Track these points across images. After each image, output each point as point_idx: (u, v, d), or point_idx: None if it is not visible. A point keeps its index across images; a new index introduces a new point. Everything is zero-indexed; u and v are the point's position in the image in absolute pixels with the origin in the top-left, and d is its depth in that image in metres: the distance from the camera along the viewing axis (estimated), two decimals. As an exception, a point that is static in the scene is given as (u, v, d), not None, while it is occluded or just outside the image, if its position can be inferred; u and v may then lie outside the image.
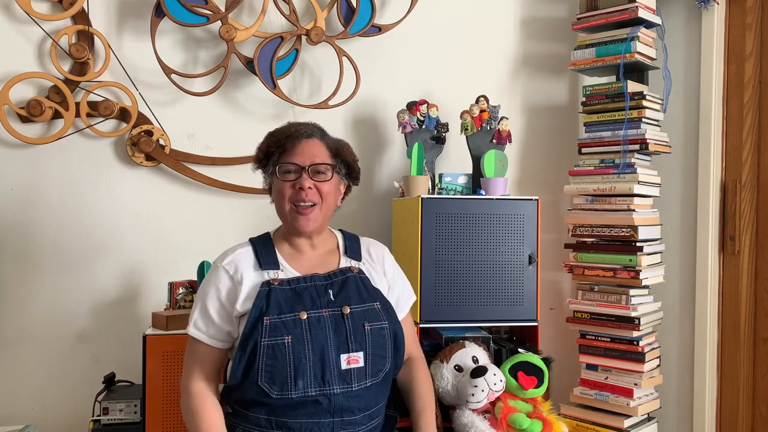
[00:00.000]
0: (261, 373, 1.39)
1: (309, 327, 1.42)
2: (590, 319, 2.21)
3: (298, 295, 1.46)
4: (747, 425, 2.26)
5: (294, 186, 1.49)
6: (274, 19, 2.33)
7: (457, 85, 2.45)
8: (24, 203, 2.22)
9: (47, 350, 2.24)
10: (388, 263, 1.64)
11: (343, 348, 1.43)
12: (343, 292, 1.49)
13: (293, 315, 1.43)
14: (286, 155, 1.50)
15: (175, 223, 2.32)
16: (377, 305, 1.51)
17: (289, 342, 1.40)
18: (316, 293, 1.47)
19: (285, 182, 1.49)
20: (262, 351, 1.39)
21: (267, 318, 1.41)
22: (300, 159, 1.49)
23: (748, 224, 2.25)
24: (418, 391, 1.63)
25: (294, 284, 1.48)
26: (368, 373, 1.45)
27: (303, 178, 1.48)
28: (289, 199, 1.49)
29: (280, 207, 1.52)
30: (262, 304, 1.43)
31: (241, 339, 1.43)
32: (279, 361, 1.39)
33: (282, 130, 1.55)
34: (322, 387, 1.41)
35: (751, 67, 2.23)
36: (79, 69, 2.21)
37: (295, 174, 1.49)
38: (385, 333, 1.49)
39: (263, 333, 1.40)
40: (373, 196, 2.44)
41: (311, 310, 1.44)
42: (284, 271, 1.50)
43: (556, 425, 1.87)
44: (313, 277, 1.50)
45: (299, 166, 1.49)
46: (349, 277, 1.52)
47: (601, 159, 2.22)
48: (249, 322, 1.42)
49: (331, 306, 1.46)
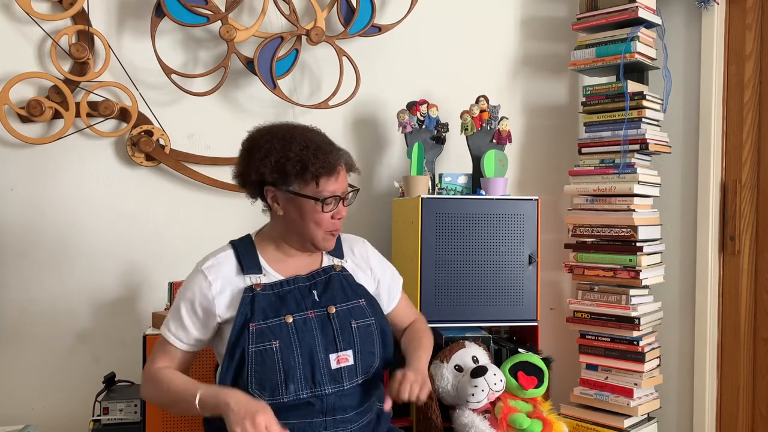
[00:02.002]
0: (251, 380, 1.38)
1: (296, 330, 1.41)
2: (590, 319, 2.21)
3: (281, 299, 1.45)
4: (747, 425, 2.26)
5: (333, 216, 1.46)
6: (274, 19, 2.33)
7: (457, 85, 2.45)
8: (24, 203, 2.22)
9: (47, 350, 2.24)
10: (372, 258, 1.62)
11: (332, 348, 1.43)
12: (328, 291, 1.49)
13: (279, 319, 1.41)
14: (324, 181, 1.41)
15: (175, 223, 2.32)
16: (362, 302, 1.51)
17: (277, 347, 1.39)
18: (300, 295, 1.46)
19: (325, 213, 1.44)
20: (250, 358, 1.38)
21: (253, 324, 1.40)
22: (340, 190, 1.45)
23: (748, 224, 2.25)
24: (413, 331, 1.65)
25: (277, 288, 1.46)
26: (359, 370, 1.45)
27: (340, 207, 1.47)
28: (325, 227, 1.45)
29: (309, 232, 1.45)
30: (247, 311, 1.41)
31: (227, 347, 1.41)
32: (268, 366, 1.38)
33: (318, 145, 1.41)
34: (314, 389, 1.40)
35: (751, 67, 2.23)
36: (79, 69, 2.21)
37: (334, 205, 1.45)
38: (373, 329, 1.49)
39: (250, 340, 1.38)
40: (373, 196, 2.44)
41: (296, 312, 1.43)
42: (267, 275, 1.48)
43: (556, 425, 1.87)
44: (296, 279, 1.48)
45: (339, 196, 1.45)
46: (332, 276, 1.51)
47: (601, 159, 2.22)
48: (234, 329, 1.40)
49: (316, 307, 1.45)
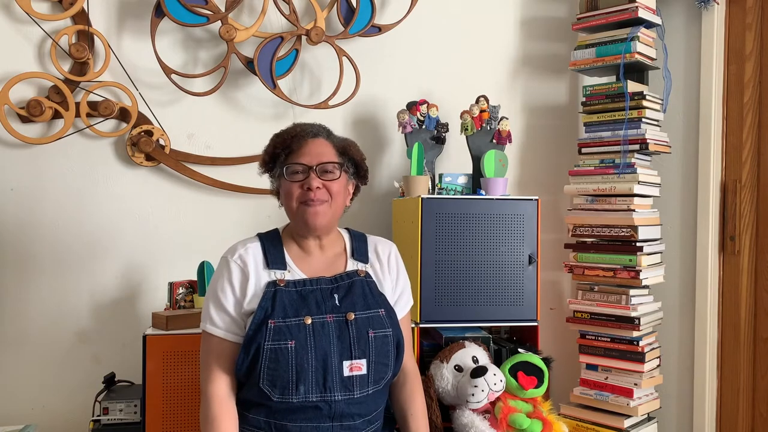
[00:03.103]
0: (263, 376, 1.39)
1: (313, 332, 1.41)
2: (590, 319, 2.21)
3: (303, 298, 1.45)
4: (747, 425, 2.26)
5: (302, 186, 1.46)
6: (274, 19, 2.33)
7: (457, 86, 2.45)
8: (24, 203, 2.22)
9: (47, 350, 2.24)
10: (393, 260, 1.61)
11: (346, 355, 1.42)
12: (349, 297, 1.48)
13: (298, 319, 1.42)
14: (292, 156, 1.48)
15: (175, 223, 2.32)
16: (382, 312, 1.50)
17: (292, 347, 1.39)
18: (321, 297, 1.46)
19: (293, 183, 1.47)
20: (264, 354, 1.38)
21: (272, 321, 1.40)
22: (307, 159, 1.47)
23: (748, 224, 2.25)
24: (415, 424, 1.57)
25: (300, 287, 1.46)
26: (370, 380, 1.44)
27: (311, 177, 1.46)
28: (297, 198, 1.47)
29: (289, 207, 1.50)
30: (267, 306, 1.42)
31: (244, 340, 1.42)
32: (281, 365, 1.38)
33: (287, 130, 1.53)
34: (324, 393, 1.40)
35: (751, 67, 2.23)
36: (79, 69, 2.21)
37: (303, 174, 1.47)
38: (389, 341, 1.48)
39: (267, 336, 1.39)
40: (373, 196, 2.44)
41: (316, 315, 1.43)
42: (291, 272, 1.49)
43: (556, 425, 1.87)
44: (320, 281, 1.49)
45: (307, 165, 1.47)
46: (355, 281, 1.51)
47: (601, 159, 2.22)
48: (253, 323, 1.41)
49: (335, 312, 1.45)
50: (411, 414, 1.58)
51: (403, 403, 1.59)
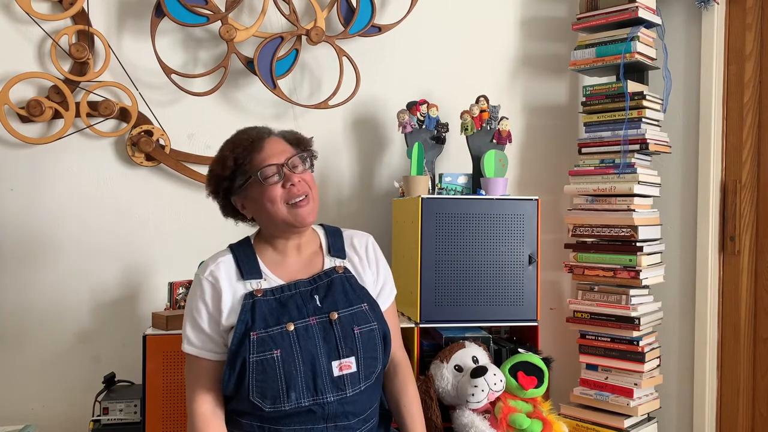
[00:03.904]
0: (252, 389, 1.36)
1: (297, 338, 1.39)
2: (590, 319, 2.21)
3: (283, 305, 1.42)
4: (747, 425, 2.26)
5: (284, 186, 1.43)
6: (274, 19, 2.33)
7: (457, 86, 2.45)
8: (24, 203, 2.22)
9: (47, 350, 2.24)
10: (371, 252, 1.58)
11: (334, 355, 1.40)
12: (330, 296, 1.45)
13: (280, 327, 1.39)
14: (257, 161, 1.42)
15: (175, 223, 2.32)
16: (365, 306, 1.48)
17: (278, 356, 1.36)
18: (301, 301, 1.44)
19: (272, 186, 1.42)
20: (251, 367, 1.36)
21: (254, 333, 1.37)
22: (275, 159, 1.43)
23: (748, 224, 2.25)
24: (409, 415, 1.57)
25: (278, 294, 1.43)
26: (361, 377, 1.43)
27: (287, 174, 1.43)
28: (282, 200, 1.43)
29: (273, 213, 1.43)
30: (247, 318, 1.39)
31: (228, 356, 1.39)
32: (269, 376, 1.36)
33: (240, 139, 1.46)
34: (315, 396, 1.38)
35: (751, 67, 2.23)
36: (79, 69, 2.21)
37: (278, 175, 1.43)
38: (375, 335, 1.46)
39: (251, 349, 1.36)
40: (373, 196, 2.44)
41: (298, 320, 1.41)
42: (267, 279, 1.45)
43: (556, 425, 1.87)
44: (297, 284, 1.46)
45: (278, 164, 1.43)
46: (334, 279, 1.48)
47: (601, 159, 2.22)
48: (235, 338, 1.38)
49: (318, 313, 1.43)
50: (404, 405, 1.57)
51: (396, 395, 1.58)
